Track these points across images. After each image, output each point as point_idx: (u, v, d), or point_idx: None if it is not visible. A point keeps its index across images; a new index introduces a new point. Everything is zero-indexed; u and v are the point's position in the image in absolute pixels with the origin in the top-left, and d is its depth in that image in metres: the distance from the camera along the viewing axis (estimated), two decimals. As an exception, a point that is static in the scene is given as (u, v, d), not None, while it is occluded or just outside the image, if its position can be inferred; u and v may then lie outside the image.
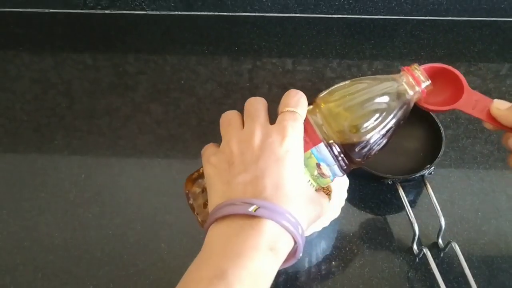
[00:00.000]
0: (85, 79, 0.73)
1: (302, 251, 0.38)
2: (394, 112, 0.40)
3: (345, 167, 0.41)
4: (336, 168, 0.41)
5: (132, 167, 0.64)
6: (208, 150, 0.41)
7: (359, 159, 0.41)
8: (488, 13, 0.78)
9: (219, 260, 0.34)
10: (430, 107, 0.48)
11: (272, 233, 0.34)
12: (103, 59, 0.76)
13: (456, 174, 0.62)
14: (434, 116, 0.61)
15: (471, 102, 0.46)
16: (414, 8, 0.78)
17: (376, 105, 0.40)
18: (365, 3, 0.78)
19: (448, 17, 0.79)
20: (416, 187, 0.61)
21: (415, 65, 0.42)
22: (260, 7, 0.79)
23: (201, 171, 0.43)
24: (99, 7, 0.81)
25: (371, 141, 0.40)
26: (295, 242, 0.36)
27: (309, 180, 0.40)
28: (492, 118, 0.45)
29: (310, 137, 0.40)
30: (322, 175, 0.41)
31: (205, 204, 0.44)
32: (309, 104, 0.41)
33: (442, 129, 0.60)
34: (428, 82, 0.42)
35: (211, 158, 0.40)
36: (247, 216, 0.34)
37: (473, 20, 0.79)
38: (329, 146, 0.39)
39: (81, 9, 0.81)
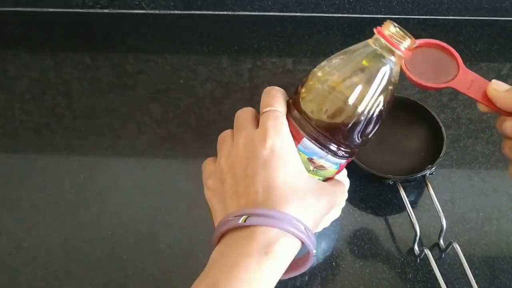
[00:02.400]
0: (85, 79, 0.73)
1: (315, 247, 0.37)
2: (375, 84, 0.36)
3: (343, 153, 0.39)
4: (331, 157, 0.38)
5: (132, 167, 0.64)
6: (206, 171, 0.41)
7: (355, 142, 0.38)
8: (489, 13, 0.78)
9: (212, 274, 0.34)
10: (423, 83, 0.46)
11: (265, 237, 0.34)
12: (103, 58, 0.76)
13: (458, 174, 0.62)
14: (435, 115, 0.61)
15: (467, 81, 0.45)
16: (415, 7, 0.78)
17: (353, 81, 0.36)
18: (365, 2, 0.77)
19: (449, 16, 0.79)
20: (417, 188, 0.61)
21: (387, 23, 0.36)
22: (260, 6, 0.79)
23: None
24: (98, 6, 0.80)
25: (357, 120, 0.36)
26: (302, 242, 0.36)
27: (310, 174, 0.39)
28: (488, 100, 0.43)
29: (294, 134, 0.38)
30: (320, 167, 0.39)
31: None
32: (289, 100, 0.40)
33: (443, 129, 0.59)
34: (408, 41, 0.36)
35: (208, 182, 0.40)
36: (241, 227, 0.34)
37: (474, 19, 0.79)
38: (313, 139, 0.37)
39: (80, 9, 0.81)
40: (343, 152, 0.39)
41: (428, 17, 0.79)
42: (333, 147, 0.38)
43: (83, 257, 0.56)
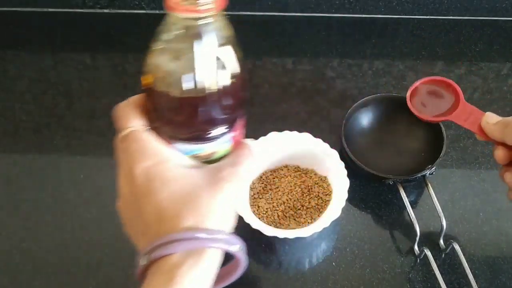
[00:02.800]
0: (85, 78, 0.73)
1: (234, 243, 0.34)
2: (204, 56, 0.32)
3: (222, 131, 0.35)
4: (210, 143, 0.36)
5: (132, 167, 0.64)
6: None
7: (227, 115, 0.35)
8: (489, 13, 0.78)
9: None
10: (425, 117, 0.51)
11: (167, 267, 0.32)
12: (103, 58, 0.76)
13: (458, 174, 0.62)
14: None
15: (465, 114, 0.50)
16: (415, 7, 0.78)
17: (182, 67, 0.32)
18: (365, 2, 0.77)
19: (449, 16, 0.79)
20: (417, 188, 0.61)
21: None
22: (260, 6, 0.79)
23: None
24: (98, 6, 0.80)
25: (212, 97, 0.33)
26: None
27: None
28: (482, 131, 0.48)
29: (164, 142, 0.36)
30: (209, 156, 0.37)
31: None
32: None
33: (443, 129, 0.59)
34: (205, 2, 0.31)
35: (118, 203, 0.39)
36: (149, 265, 0.33)
37: (474, 19, 0.79)
38: (181, 140, 0.35)
39: (80, 9, 0.81)
40: (221, 130, 0.35)
41: (428, 17, 0.79)
42: (206, 135, 0.35)
43: (83, 257, 0.56)
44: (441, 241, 0.56)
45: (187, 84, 0.32)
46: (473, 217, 0.58)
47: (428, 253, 0.53)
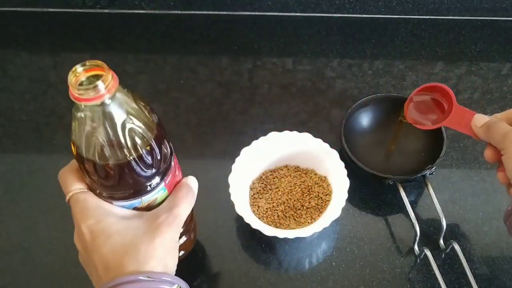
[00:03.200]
0: (85, 78, 0.73)
1: (174, 282, 0.38)
2: (105, 128, 0.36)
3: (153, 183, 0.40)
4: (147, 195, 0.40)
5: (132, 167, 0.64)
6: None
7: (152, 170, 0.39)
8: (489, 13, 0.78)
9: None
10: (421, 126, 0.54)
11: None
12: (103, 58, 0.75)
13: (458, 174, 0.62)
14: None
15: (458, 117, 0.51)
16: (415, 7, 0.78)
17: (93, 143, 0.36)
18: (365, 2, 0.77)
19: (449, 16, 0.79)
20: (417, 188, 0.61)
21: (71, 76, 0.35)
22: (260, 6, 0.79)
23: None
24: (98, 6, 0.80)
25: (130, 163, 0.37)
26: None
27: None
28: (474, 133, 0.50)
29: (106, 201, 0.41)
30: (149, 206, 0.41)
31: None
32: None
33: (443, 129, 0.59)
34: (93, 88, 0.34)
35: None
36: None
37: (474, 19, 0.79)
38: (118, 199, 0.40)
39: (80, 8, 0.81)
40: (154, 183, 0.40)
41: (428, 17, 0.79)
42: (140, 191, 0.40)
43: (83, 257, 0.56)
44: (441, 241, 0.56)
45: (105, 156, 0.36)
46: (473, 217, 0.58)
47: (428, 253, 0.53)
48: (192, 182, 0.44)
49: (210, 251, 0.57)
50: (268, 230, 0.52)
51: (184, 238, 0.50)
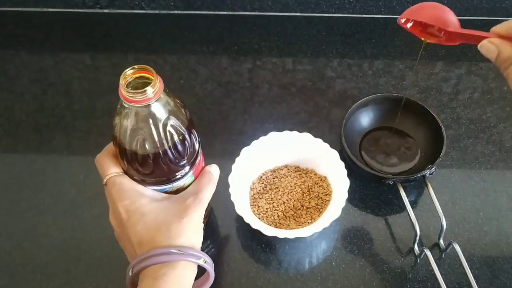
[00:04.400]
0: (85, 78, 0.73)
1: (199, 258, 0.42)
2: (145, 124, 0.40)
3: (181, 172, 0.45)
4: (177, 181, 0.45)
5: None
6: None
7: (180, 160, 0.43)
8: (489, 13, 0.78)
9: None
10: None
11: (148, 270, 0.40)
12: (103, 58, 0.76)
13: (458, 174, 0.62)
14: (435, 115, 0.61)
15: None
16: (415, 7, 0.78)
17: (134, 133, 0.41)
18: (365, 2, 0.77)
19: (449, 16, 0.79)
20: (417, 188, 0.61)
21: (121, 84, 0.40)
22: (260, 6, 0.79)
23: None
24: (98, 6, 0.80)
25: (161, 152, 0.42)
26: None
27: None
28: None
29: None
30: (178, 190, 0.46)
31: None
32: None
33: (443, 129, 0.59)
34: (146, 90, 0.38)
35: (112, 222, 0.47)
36: (136, 274, 0.42)
37: (474, 19, 0.79)
38: (152, 184, 0.45)
39: (80, 9, 0.81)
40: (184, 171, 0.45)
41: (428, 17, 0.79)
42: (171, 179, 0.45)
43: (82, 257, 0.56)
44: (441, 241, 0.56)
45: (145, 148, 0.41)
46: (473, 217, 0.58)
47: (428, 253, 0.53)
48: (214, 170, 0.48)
49: (210, 251, 0.57)
50: (268, 230, 0.52)
51: None
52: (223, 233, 0.58)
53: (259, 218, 0.56)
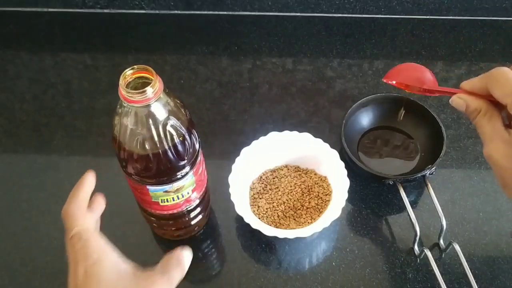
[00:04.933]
0: (85, 78, 0.73)
1: None
2: (143, 123, 0.40)
3: (181, 173, 0.45)
4: (177, 182, 0.45)
5: (132, 167, 0.64)
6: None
7: (181, 160, 0.44)
8: (489, 13, 0.78)
9: None
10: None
11: None
12: (103, 58, 0.76)
13: (458, 174, 0.62)
14: (435, 115, 0.61)
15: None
16: (415, 7, 0.78)
17: (133, 132, 0.41)
18: (365, 2, 0.77)
19: (449, 16, 0.79)
20: (417, 188, 0.61)
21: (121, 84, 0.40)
22: (260, 6, 0.79)
23: None
24: (98, 6, 0.80)
25: (162, 152, 0.42)
26: None
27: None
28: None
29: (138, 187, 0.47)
30: (178, 190, 0.46)
31: None
32: None
33: (443, 129, 0.59)
34: (146, 90, 0.39)
35: None
36: None
37: (474, 19, 0.79)
38: (152, 184, 0.45)
39: (80, 9, 0.81)
40: (185, 171, 0.45)
41: (428, 17, 0.79)
42: (171, 179, 0.45)
43: (83, 257, 0.56)
44: (441, 241, 0.56)
45: (145, 148, 0.41)
46: (473, 217, 0.58)
47: (428, 253, 0.53)
48: (186, 256, 0.42)
49: (210, 251, 0.57)
50: (268, 230, 0.52)
51: (200, 217, 0.54)
52: (223, 233, 0.58)
53: (259, 218, 0.56)
